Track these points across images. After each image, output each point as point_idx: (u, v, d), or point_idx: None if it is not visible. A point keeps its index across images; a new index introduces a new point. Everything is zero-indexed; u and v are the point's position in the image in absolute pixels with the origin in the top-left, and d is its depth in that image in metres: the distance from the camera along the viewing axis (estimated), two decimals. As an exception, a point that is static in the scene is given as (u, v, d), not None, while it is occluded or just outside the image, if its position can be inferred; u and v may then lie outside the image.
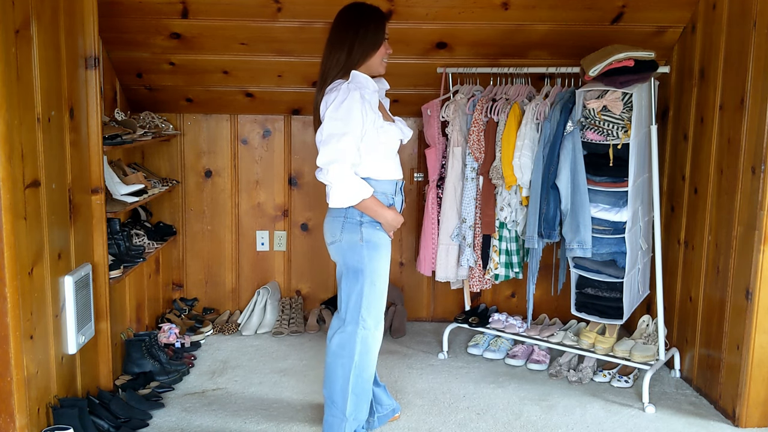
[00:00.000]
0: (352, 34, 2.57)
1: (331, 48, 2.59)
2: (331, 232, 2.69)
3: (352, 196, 2.57)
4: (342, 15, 2.63)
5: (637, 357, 3.34)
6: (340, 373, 2.70)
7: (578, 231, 3.22)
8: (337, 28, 2.61)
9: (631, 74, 3.09)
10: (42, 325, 2.60)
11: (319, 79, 2.61)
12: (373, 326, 2.70)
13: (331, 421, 2.73)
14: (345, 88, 2.51)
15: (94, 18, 2.98)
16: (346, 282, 2.68)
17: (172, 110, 4.15)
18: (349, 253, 2.65)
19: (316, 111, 2.61)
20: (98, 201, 3.06)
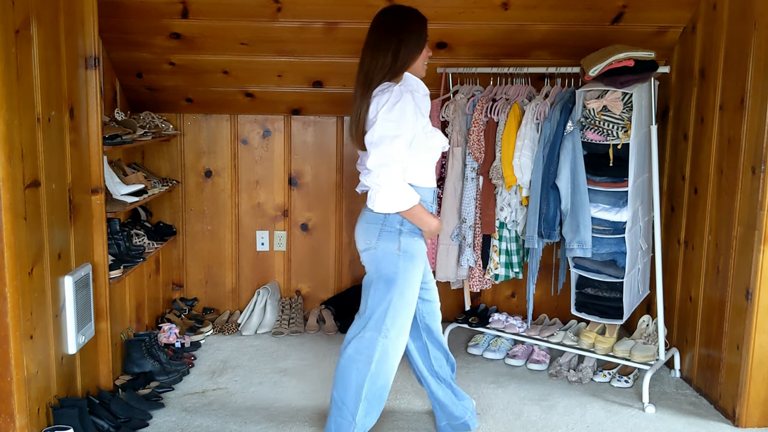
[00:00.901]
0: (396, 37, 2.52)
1: (375, 51, 2.53)
2: (366, 239, 2.63)
3: (402, 202, 2.52)
4: (384, 18, 2.59)
5: (637, 357, 3.34)
6: (354, 377, 2.64)
7: (578, 231, 3.22)
8: (379, 31, 2.56)
9: (631, 74, 3.09)
10: (42, 325, 2.60)
11: (361, 82, 2.54)
12: (394, 336, 2.63)
13: (340, 422, 2.68)
14: (398, 90, 2.47)
15: (94, 18, 2.98)
16: (376, 290, 2.61)
17: (172, 110, 4.15)
18: (384, 262, 2.59)
19: (358, 115, 2.52)
20: (98, 201, 3.06)
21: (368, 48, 2.56)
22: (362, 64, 2.55)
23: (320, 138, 4.26)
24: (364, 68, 2.54)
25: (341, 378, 2.68)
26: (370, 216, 2.62)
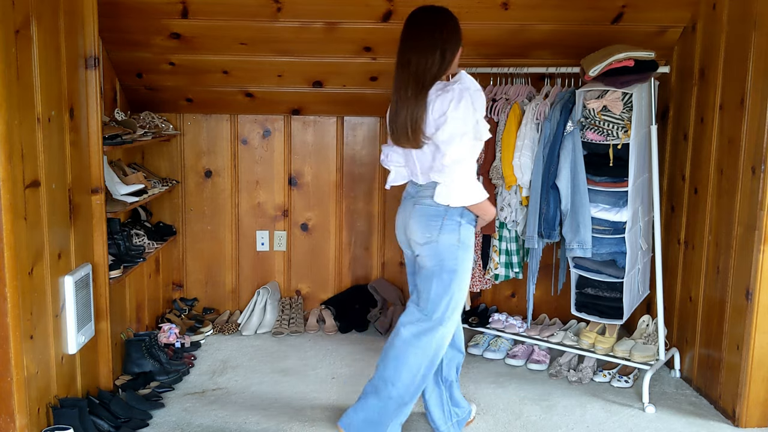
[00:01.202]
0: (441, 37, 2.57)
1: (423, 51, 2.56)
2: (426, 233, 2.66)
3: (477, 195, 2.61)
4: (426, 18, 2.61)
5: (637, 357, 3.34)
6: (413, 361, 2.69)
7: (578, 231, 3.22)
8: (425, 32, 2.58)
9: (631, 74, 3.09)
10: (42, 325, 2.60)
11: (412, 83, 2.56)
12: (451, 326, 2.73)
13: (386, 403, 2.71)
14: (459, 88, 2.52)
15: (94, 18, 2.98)
16: (438, 282, 2.66)
17: (172, 110, 4.15)
18: (446, 254, 2.65)
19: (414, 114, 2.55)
20: (98, 201, 3.06)
21: (414, 49, 2.58)
22: (408, 65, 2.57)
23: (320, 138, 4.26)
24: (413, 69, 2.56)
25: (396, 359, 2.71)
26: (429, 210, 2.67)
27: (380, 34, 3.52)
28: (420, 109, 2.55)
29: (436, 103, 2.54)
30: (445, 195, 2.60)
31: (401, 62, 2.60)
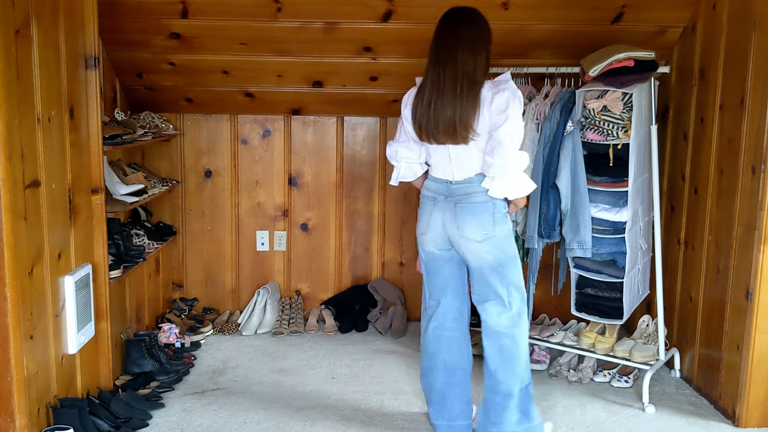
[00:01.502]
0: (485, 37, 2.67)
1: (472, 50, 2.61)
2: (482, 229, 2.70)
3: (530, 186, 2.73)
4: (466, 18, 2.66)
5: (637, 357, 3.33)
6: (522, 348, 2.77)
7: (578, 231, 3.21)
8: (474, 32, 2.64)
9: (631, 74, 3.09)
10: (42, 325, 2.60)
11: (464, 81, 2.59)
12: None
13: (525, 392, 2.78)
14: (512, 86, 2.62)
15: (94, 18, 2.98)
16: (509, 269, 2.74)
17: (172, 110, 4.15)
18: (506, 244, 2.73)
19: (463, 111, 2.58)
20: (98, 201, 3.06)
21: (462, 47, 2.61)
22: (456, 63, 2.60)
23: (320, 138, 4.26)
24: (463, 68, 2.60)
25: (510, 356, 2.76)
26: (478, 207, 2.70)
27: (380, 34, 3.52)
28: (473, 106, 2.58)
29: (495, 100, 2.59)
30: (503, 189, 2.66)
31: (447, 60, 2.61)
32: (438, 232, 2.77)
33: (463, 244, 2.73)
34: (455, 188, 2.72)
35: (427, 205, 2.80)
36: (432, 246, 2.82)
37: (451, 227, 2.73)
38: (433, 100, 2.62)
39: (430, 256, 2.85)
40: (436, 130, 2.64)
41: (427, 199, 2.80)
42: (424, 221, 2.81)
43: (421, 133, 2.70)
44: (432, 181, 2.80)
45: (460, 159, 2.70)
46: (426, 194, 2.81)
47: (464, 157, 2.69)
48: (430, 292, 2.91)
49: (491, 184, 2.66)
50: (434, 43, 2.67)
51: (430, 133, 2.66)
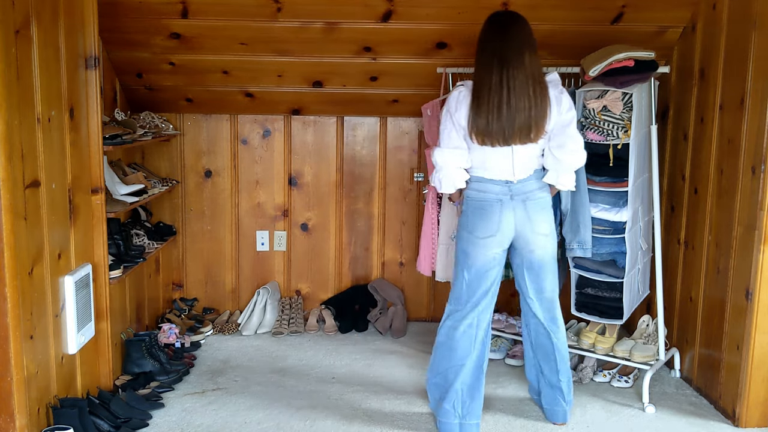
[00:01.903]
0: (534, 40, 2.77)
1: (532, 53, 2.70)
2: (549, 222, 2.85)
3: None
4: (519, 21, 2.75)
5: (637, 357, 3.33)
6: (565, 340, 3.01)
7: (578, 231, 3.21)
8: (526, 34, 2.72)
9: (631, 74, 3.09)
10: (42, 325, 2.60)
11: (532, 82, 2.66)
12: None
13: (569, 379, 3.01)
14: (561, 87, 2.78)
15: (94, 18, 2.98)
16: (555, 264, 2.92)
17: (172, 110, 4.15)
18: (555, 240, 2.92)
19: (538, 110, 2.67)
20: (98, 201, 3.06)
21: (528, 50, 2.68)
22: (523, 65, 2.66)
23: (320, 138, 4.26)
24: (532, 69, 2.68)
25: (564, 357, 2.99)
26: (542, 202, 2.85)
27: (380, 34, 3.52)
28: (546, 106, 2.69)
29: (562, 100, 2.74)
30: (570, 180, 2.85)
31: (512, 62, 2.65)
32: (508, 233, 2.80)
33: (534, 239, 2.81)
34: (518, 187, 2.79)
35: (493, 208, 2.79)
36: (497, 247, 2.82)
37: (524, 225, 2.79)
38: (504, 102, 2.63)
39: (488, 258, 2.82)
40: (511, 132, 2.67)
41: (492, 202, 2.79)
42: (492, 224, 2.78)
43: (487, 137, 2.69)
44: (489, 184, 2.80)
45: (523, 158, 2.77)
46: (487, 197, 2.79)
47: (527, 156, 2.78)
48: (470, 293, 2.86)
49: (558, 178, 2.82)
50: (491, 45, 2.69)
51: (501, 135, 2.67)
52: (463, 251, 2.85)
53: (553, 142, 2.76)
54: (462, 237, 2.86)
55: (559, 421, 3.03)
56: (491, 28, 2.74)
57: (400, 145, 4.25)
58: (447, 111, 2.77)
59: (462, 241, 2.85)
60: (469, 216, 2.82)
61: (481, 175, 2.82)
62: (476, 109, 2.67)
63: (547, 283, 2.90)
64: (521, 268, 2.90)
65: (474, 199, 2.82)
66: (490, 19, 2.78)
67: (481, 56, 2.72)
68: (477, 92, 2.68)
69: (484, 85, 2.66)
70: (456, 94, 2.76)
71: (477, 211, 2.80)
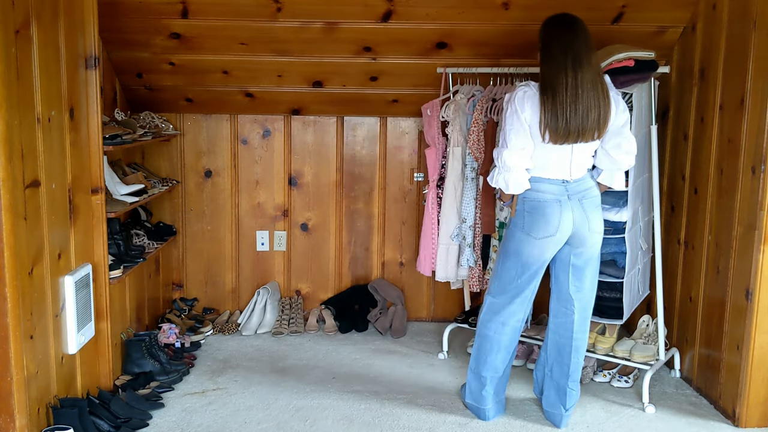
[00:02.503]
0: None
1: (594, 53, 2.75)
2: (601, 220, 2.92)
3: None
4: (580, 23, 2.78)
5: (637, 357, 3.33)
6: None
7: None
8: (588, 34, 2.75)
9: (631, 74, 3.09)
10: (42, 325, 2.60)
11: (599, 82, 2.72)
12: None
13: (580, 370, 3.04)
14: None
15: (94, 18, 2.98)
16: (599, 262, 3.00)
17: (172, 110, 4.15)
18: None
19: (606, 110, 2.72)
20: (98, 201, 3.06)
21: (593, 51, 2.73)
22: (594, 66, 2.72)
23: (320, 138, 4.26)
24: (598, 69, 2.74)
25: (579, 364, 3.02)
26: (597, 200, 2.91)
27: (380, 34, 3.52)
28: (609, 106, 2.74)
29: (619, 101, 2.80)
30: (623, 179, 2.93)
31: (583, 62, 2.68)
32: (567, 232, 2.82)
33: (590, 237, 2.86)
34: (573, 186, 2.82)
35: (553, 208, 2.80)
36: (555, 247, 2.85)
37: (582, 224, 2.83)
38: (580, 101, 2.67)
39: (545, 258, 2.86)
40: (583, 131, 2.70)
41: (551, 202, 2.80)
42: (552, 225, 2.80)
43: (560, 135, 2.70)
44: (547, 183, 2.82)
45: (581, 158, 2.82)
46: (546, 198, 2.80)
47: (584, 155, 2.82)
48: (518, 290, 2.93)
49: (613, 178, 2.89)
50: (561, 46, 2.71)
51: (574, 133, 2.70)
52: (516, 251, 2.87)
53: (610, 142, 2.80)
54: (515, 236, 2.87)
55: (556, 425, 3.02)
56: (558, 28, 2.75)
57: (400, 145, 4.25)
58: (513, 111, 2.75)
59: (514, 241, 2.87)
60: (526, 216, 2.82)
61: (540, 175, 2.82)
62: (551, 108, 2.68)
63: (588, 282, 2.96)
64: (566, 266, 2.91)
65: (532, 199, 2.82)
66: (553, 21, 2.79)
67: (551, 56, 2.72)
68: (551, 91, 2.69)
69: (559, 84, 2.67)
70: (521, 94, 2.76)
71: (535, 211, 2.81)
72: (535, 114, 2.71)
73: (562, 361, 3.00)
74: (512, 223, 2.89)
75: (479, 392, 3.05)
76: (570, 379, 2.99)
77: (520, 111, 2.73)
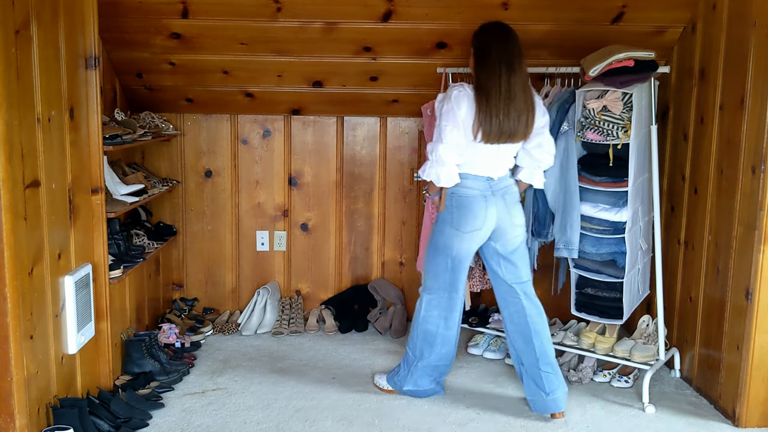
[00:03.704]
0: None
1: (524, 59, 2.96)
2: (523, 215, 3.12)
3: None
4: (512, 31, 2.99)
5: (637, 357, 3.33)
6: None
7: (565, 232, 3.23)
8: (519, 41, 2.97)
9: (631, 74, 3.09)
10: (42, 325, 2.60)
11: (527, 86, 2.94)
12: None
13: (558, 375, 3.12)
14: None
15: (94, 18, 2.98)
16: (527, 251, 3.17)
17: (172, 110, 4.15)
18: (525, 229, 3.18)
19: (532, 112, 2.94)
20: (98, 201, 3.06)
21: (520, 56, 2.93)
22: (524, 71, 2.92)
23: (320, 138, 4.26)
24: (526, 75, 2.95)
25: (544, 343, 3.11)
26: (516, 196, 3.10)
27: (380, 34, 3.52)
28: (534, 109, 2.95)
29: (540, 104, 3.01)
30: (542, 179, 3.11)
31: (515, 68, 2.88)
32: (492, 226, 3.01)
33: (512, 230, 3.04)
34: (497, 183, 3.00)
35: (479, 203, 2.97)
36: (480, 240, 3.04)
37: (505, 218, 3.02)
38: (512, 106, 2.86)
39: (471, 250, 3.06)
40: (514, 132, 2.90)
41: (478, 198, 2.97)
42: (479, 218, 2.97)
43: (491, 135, 2.88)
44: (473, 180, 2.99)
45: (506, 157, 3.01)
46: (472, 194, 2.97)
47: (509, 155, 3.02)
48: (452, 283, 3.10)
49: (534, 176, 3.08)
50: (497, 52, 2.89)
51: (506, 134, 2.89)
52: (445, 246, 3.04)
53: (533, 142, 3.00)
54: (444, 232, 3.02)
55: (546, 411, 3.09)
56: (494, 36, 2.93)
57: (399, 145, 4.25)
58: (450, 108, 2.88)
59: (444, 236, 3.03)
60: (454, 212, 2.99)
61: (467, 172, 2.99)
62: (486, 110, 2.85)
63: (522, 269, 3.10)
64: (497, 258, 3.08)
65: (460, 195, 2.98)
66: (489, 28, 2.98)
67: (487, 62, 2.89)
68: (485, 94, 2.86)
69: (493, 88, 2.85)
70: (457, 93, 2.89)
71: (463, 207, 2.98)
72: (470, 114, 2.87)
73: (527, 348, 3.10)
74: (440, 219, 3.04)
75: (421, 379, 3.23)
76: (540, 362, 3.06)
77: (457, 109, 2.87)
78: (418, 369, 3.22)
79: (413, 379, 3.23)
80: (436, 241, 3.07)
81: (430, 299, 3.15)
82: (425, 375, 3.23)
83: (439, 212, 3.04)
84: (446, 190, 2.99)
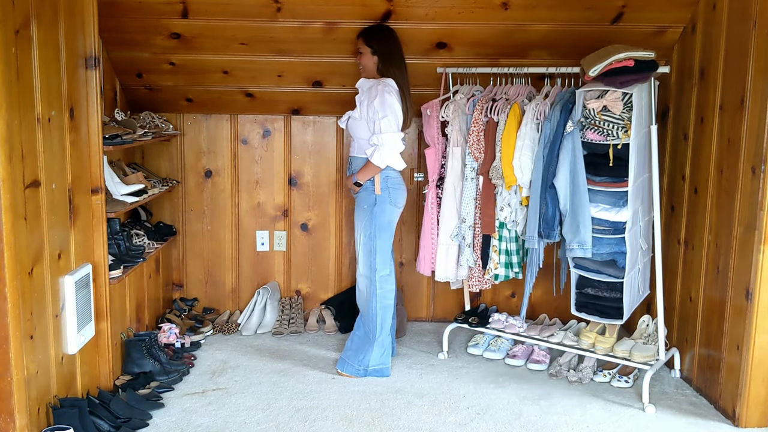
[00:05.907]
0: None
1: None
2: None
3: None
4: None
5: (637, 357, 3.33)
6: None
7: (578, 231, 3.21)
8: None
9: (631, 74, 3.09)
10: (42, 325, 2.60)
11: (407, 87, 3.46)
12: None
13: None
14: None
15: (94, 18, 2.99)
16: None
17: (172, 110, 4.15)
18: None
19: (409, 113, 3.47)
20: (98, 201, 3.06)
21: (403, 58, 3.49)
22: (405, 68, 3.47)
23: (320, 138, 4.26)
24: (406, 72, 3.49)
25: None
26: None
27: (380, 34, 3.52)
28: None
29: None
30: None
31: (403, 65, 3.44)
32: None
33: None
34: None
35: (402, 180, 3.51)
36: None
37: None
38: (407, 96, 3.43)
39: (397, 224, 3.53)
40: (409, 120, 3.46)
41: (400, 176, 3.49)
42: (406, 191, 3.53)
43: (407, 124, 3.44)
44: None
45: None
46: (397, 173, 3.46)
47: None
48: (391, 255, 3.54)
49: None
50: (398, 53, 3.41)
51: (408, 121, 3.44)
52: (389, 222, 3.45)
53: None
54: (386, 210, 3.42)
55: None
56: (394, 37, 3.41)
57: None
58: (396, 100, 3.33)
59: (387, 214, 3.43)
60: (392, 191, 3.43)
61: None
62: (405, 103, 3.40)
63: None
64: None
65: (394, 177, 3.44)
66: (386, 30, 3.40)
67: (397, 60, 3.40)
68: (401, 90, 3.40)
69: (404, 85, 3.41)
70: (392, 88, 3.36)
71: (399, 185, 3.46)
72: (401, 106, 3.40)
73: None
74: (380, 200, 3.41)
75: (384, 355, 3.51)
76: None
77: (397, 101, 3.35)
78: (382, 344, 3.49)
79: (378, 355, 3.49)
80: (380, 221, 3.41)
81: (382, 277, 3.46)
82: (388, 348, 3.54)
83: (376, 195, 3.40)
84: (380, 174, 3.39)
